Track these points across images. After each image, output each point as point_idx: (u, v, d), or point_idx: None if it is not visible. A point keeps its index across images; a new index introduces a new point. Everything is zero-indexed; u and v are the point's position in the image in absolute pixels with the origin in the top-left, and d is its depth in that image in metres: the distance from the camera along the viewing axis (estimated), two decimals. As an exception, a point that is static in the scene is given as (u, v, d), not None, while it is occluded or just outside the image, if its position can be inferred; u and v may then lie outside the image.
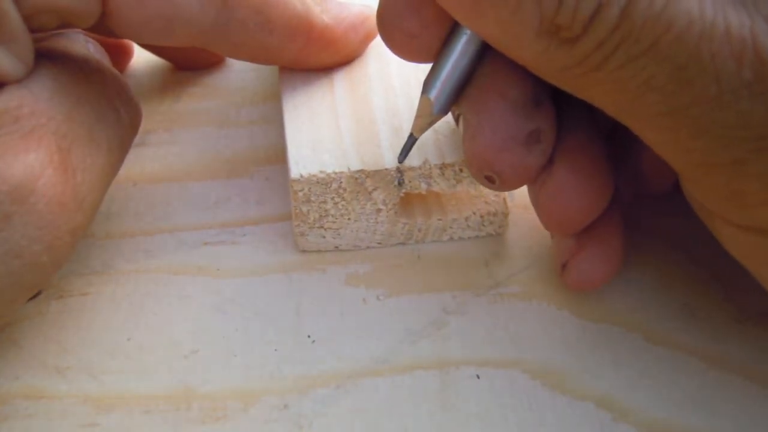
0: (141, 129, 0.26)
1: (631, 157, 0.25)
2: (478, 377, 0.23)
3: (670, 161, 0.20)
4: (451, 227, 0.27)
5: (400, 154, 0.24)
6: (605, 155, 0.23)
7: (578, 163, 0.22)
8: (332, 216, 0.26)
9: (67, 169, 0.21)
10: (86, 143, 0.22)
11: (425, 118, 0.23)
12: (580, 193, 0.22)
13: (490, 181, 0.22)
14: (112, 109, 0.23)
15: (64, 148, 0.21)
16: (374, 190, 0.25)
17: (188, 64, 0.34)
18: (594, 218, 0.23)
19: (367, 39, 0.29)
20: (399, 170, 0.25)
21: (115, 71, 0.25)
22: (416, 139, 0.24)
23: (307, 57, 0.28)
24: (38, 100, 0.21)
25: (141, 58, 0.35)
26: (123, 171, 0.26)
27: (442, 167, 0.25)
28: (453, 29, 0.21)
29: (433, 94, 0.22)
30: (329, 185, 0.25)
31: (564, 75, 0.19)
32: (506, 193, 0.27)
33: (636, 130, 0.20)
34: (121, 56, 0.34)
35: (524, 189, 0.27)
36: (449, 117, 0.26)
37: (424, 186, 0.25)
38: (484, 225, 0.27)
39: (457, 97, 0.22)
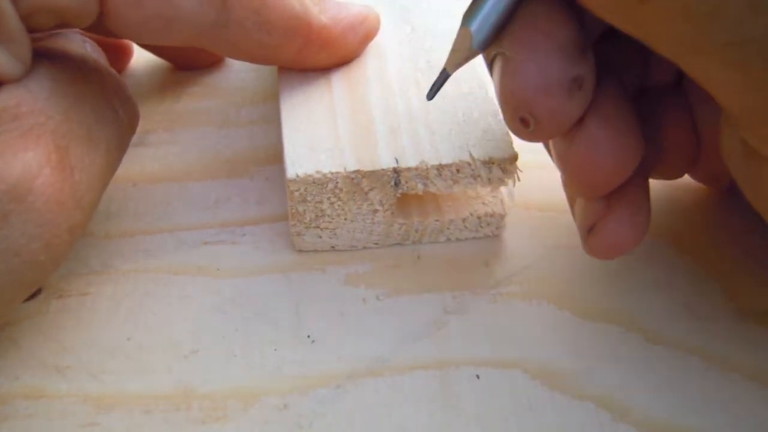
0: (140, 129, 0.26)
1: (652, 132, 0.24)
2: (478, 377, 0.23)
3: (730, 103, 0.18)
4: (448, 228, 0.27)
5: (430, 90, 0.23)
6: (635, 113, 0.21)
7: (611, 117, 0.21)
8: (328, 216, 0.25)
9: (65, 167, 0.21)
10: (84, 142, 0.22)
11: (462, 52, 0.22)
12: (613, 148, 0.21)
13: (524, 125, 0.21)
14: (110, 108, 0.23)
15: (63, 146, 0.21)
16: (371, 190, 0.25)
17: (188, 64, 0.34)
18: (624, 178, 0.22)
19: (366, 39, 0.29)
20: (395, 170, 0.25)
21: (113, 71, 0.25)
22: (449, 75, 0.23)
23: (305, 57, 0.27)
24: (37, 99, 0.21)
25: (141, 58, 0.35)
26: (122, 171, 0.26)
27: (439, 168, 0.25)
28: None
29: (474, 26, 0.21)
30: (325, 185, 0.25)
31: (621, 5, 0.17)
32: (504, 193, 0.27)
33: (694, 70, 0.18)
34: (120, 56, 0.34)
35: (524, 188, 0.27)
36: (446, 117, 0.26)
37: (420, 186, 0.25)
38: (481, 226, 0.27)
39: (498, 34, 0.21)
